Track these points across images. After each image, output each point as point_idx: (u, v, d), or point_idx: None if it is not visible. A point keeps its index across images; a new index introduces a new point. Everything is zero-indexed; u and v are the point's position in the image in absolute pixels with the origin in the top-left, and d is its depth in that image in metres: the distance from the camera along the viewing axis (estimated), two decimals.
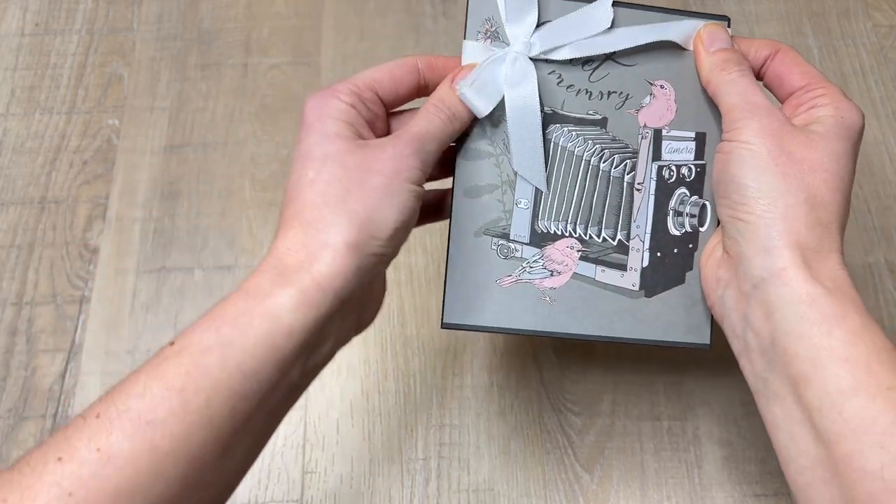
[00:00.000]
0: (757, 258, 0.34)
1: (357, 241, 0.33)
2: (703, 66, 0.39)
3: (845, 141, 0.35)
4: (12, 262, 0.59)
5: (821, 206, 0.34)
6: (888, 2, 0.68)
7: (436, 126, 0.37)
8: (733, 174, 0.35)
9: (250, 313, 0.31)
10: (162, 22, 0.69)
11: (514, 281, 0.40)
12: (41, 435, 0.53)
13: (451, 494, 0.52)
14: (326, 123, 0.35)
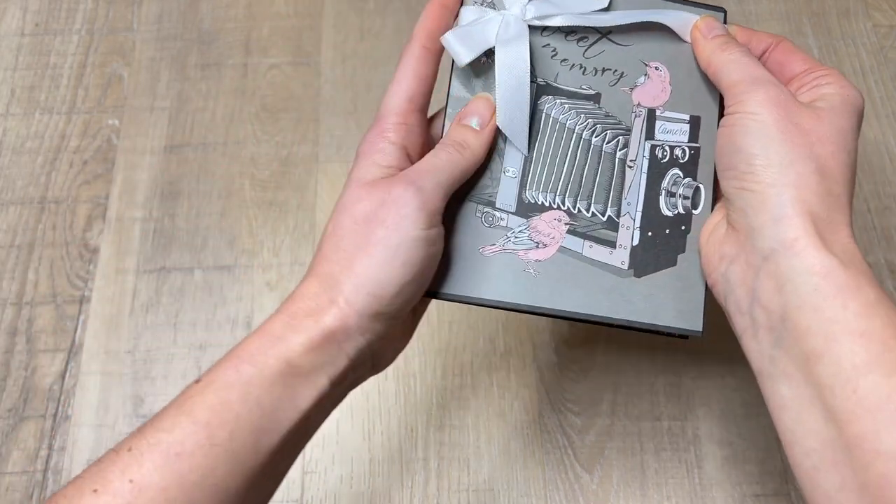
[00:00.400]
0: (767, 228, 0.33)
1: (359, 304, 0.33)
2: (703, 50, 0.38)
3: (850, 117, 0.35)
4: (12, 262, 0.59)
5: (830, 176, 0.33)
6: (888, 2, 0.68)
7: (440, 160, 0.36)
8: (739, 144, 0.34)
9: (265, 353, 0.33)
10: (162, 22, 0.69)
11: (497, 250, 0.38)
12: (41, 435, 0.53)
13: (451, 494, 0.52)
14: (366, 170, 0.35)
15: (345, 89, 0.65)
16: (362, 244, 0.34)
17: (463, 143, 0.37)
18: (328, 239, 0.35)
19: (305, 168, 0.62)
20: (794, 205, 0.32)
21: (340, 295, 0.34)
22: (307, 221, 0.60)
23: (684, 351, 0.55)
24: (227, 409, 0.31)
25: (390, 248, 0.34)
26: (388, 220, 0.34)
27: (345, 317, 0.33)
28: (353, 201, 0.35)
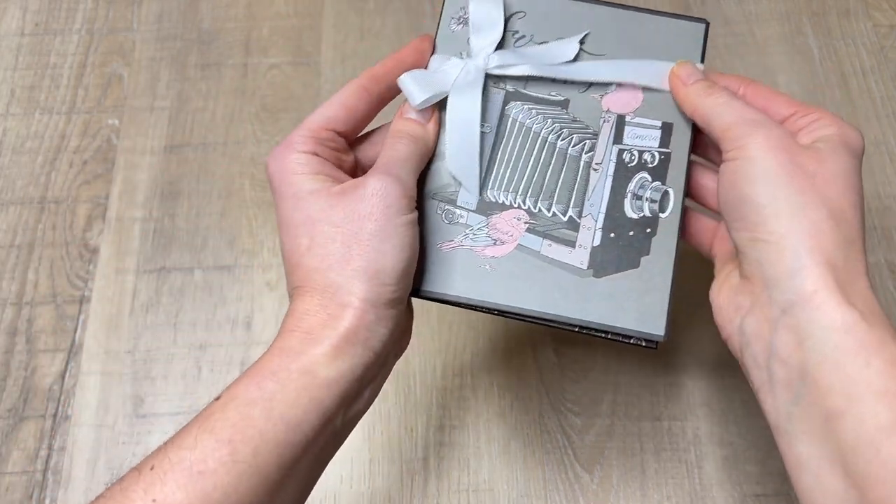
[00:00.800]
0: (784, 280, 0.31)
1: (371, 295, 0.34)
2: (687, 97, 0.38)
3: (852, 157, 0.34)
4: (12, 262, 0.59)
5: (844, 221, 0.32)
6: (888, 2, 0.68)
7: (401, 151, 0.37)
8: (745, 193, 0.33)
9: (288, 368, 0.32)
10: (162, 22, 0.69)
11: (455, 246, 0.39)
12: (41, 435, 0.53)
13: (451, 494, 0.52)
14: (294, 183, 0.35)
15: None
16: (353, 243, 0.34)
17: (414, 135, 0.38)
18: (308, 253, 0.35)
19: None
20: (811, 254, 0.31)
21: (350, 295, 0.34)
22: None
23: (684, 351, 0.55)
24: (250, 425, 0.31)
25: (385, 238, 0.34)
26: (375, 213, 0.34)
27: (362, 313, 0.33)
28: (324, 210, 0.35)
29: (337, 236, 0.34)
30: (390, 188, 0.35)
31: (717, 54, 0.66)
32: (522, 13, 0.41)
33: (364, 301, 0.33)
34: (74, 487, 0.52)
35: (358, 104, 0.38)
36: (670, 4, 0.68)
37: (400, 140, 0.37)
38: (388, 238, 0.34)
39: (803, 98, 0.64)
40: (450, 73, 0.39)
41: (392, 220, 0.34)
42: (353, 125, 0.38)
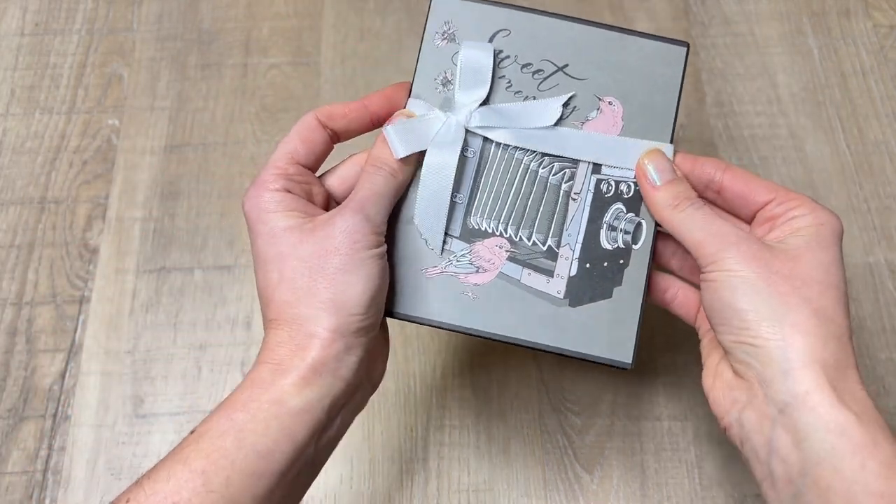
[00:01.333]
0: (777, 381, 0.32)
1: (338, 325, 0.35)
2: (654, 205, 0.38)
3: (829, 248, 0.34)
4: (12, 262, 0.59)
5: (828, 318, 0.33)
6: (888, 2, 0.68)
7: (378, 185, 0.37)
8: (727, 301, 0.34)
9: (258, 399, 0.34)
10: (162, 22, 0.69)
11: (439, 272, 0.40)
12: (41, 435, 0.53)
13: (451, 494, 0.52)
14: (268, 221, 0.36)
15: (345, 89, 0.65)
16: (319, 277, 0.35)
17: (394, 168, 0.38)
18: (279, 287, 0.36)
19: None
20: (800, 356, 0.32)
21: (317, 325, 0.35)
22: None
23: (685, 351, 0.55)
24: (222, 455, 0.32)
25: (351, 270, 0.35)
26: (342, 248, 0.35)
27: (330, 343, 0.34)
28: (294, 246, 0.36)
29: (305, 271, 0.35)
30: (358, 225, 0.36)
31: (717, 54, 0.66)
32: (507, 31, 0.41)
33: (331, 331, 0.34)
34: (74, 487, 0.52)
35: (313, 137, 0.39)
36: (670, 5, 0.68)
37: (379, 171, 0.38)
38: (353, 270, 0.35)
39: (803, 98, 0.64)
40: (431, 126, 0.39)
41: (358, 253, 0.35)
42: (315, 158, 0.39)
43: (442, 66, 0.41)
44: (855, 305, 0.57)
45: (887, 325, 0.56)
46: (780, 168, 0.62)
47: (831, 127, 0.63)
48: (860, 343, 0.55)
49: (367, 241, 0.36)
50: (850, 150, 0.62)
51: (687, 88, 0.65)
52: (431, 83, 0.41)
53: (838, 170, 0.61)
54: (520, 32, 0.41)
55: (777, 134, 0.63)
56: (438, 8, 0.41)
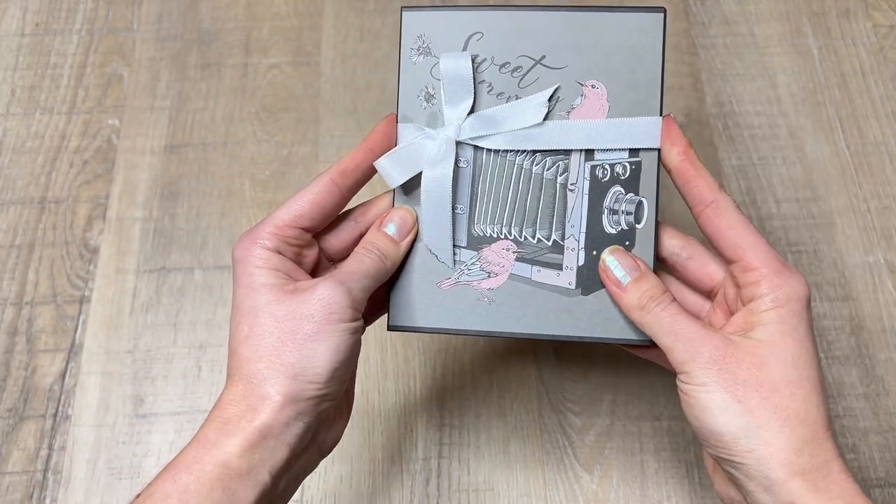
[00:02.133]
0: (760, 495, 0.33)
1: (292, 391, 0.34)
2: (624, 309, 0.38)
3: (792, 334, 0.35)
4: (12, 261, 0.59)
5: (799, 423, 0.33)
6: (888, 2, 0.68)
7: (366, 265, 0.38)
8: (703, 422, 0.35)
9: (202, 460, 0.33)
10: (162, 22, 0.69)
11: (453, 283, 0.41)
12: (41, 435, 0.53)
13: (451, 494, 0.52)
14: (253, 274, 0.36)
15: (345, 89, 0.65)
16: (288, 339, 0.35)
17: (385, 253, 0.39)
18: (245, 342, 0.36)
19: (305, 168, 0.62)
20: (777, 469, 0.33)
21: (272, 387, 0.34)
22: None
23: None
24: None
25: (320, 340, 0.35)
26: (315, 316, 0.35)
27: (280, 407, 0.34)
28: (269, 303, 0.36)
29: (274, 330, 0.35)
30: (336, 297, 0.36)
31: (717, 54, 0.66)
32: (480, 34, 0.40)
33: (284, 396, 0.34)
34: (74, 487, 0.52)
35: (327, 199, 0.39)
36: (670, 5, 0.68)
37: (369, 254, 0.39)
38: (323, 340, 0.35)
39: (803, 98, 0.64)
40: (424, 148, 0.40)
41: (332, 324, 0.35)
42: (320, 220, 0.39)
43: (422, 82, 0.41)
44: (855, 305, 0.57)
45: (887, 325, 0.56)
46: (780, 168, 0.62)
47: (831, 127, 0.63)
48: (860, 343, 0.55)
49: (344, 313, 0.36)
50: (849, 151, 0.62)
51: (686, 89, 0.65)
52: (415, 100, 0.41)
53: (838, 170, 0.62)
54: (492, 33, 0.40)
55: (777, 134, 0.63)
56: (409, 23, 0.41)
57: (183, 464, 0.34)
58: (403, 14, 0.41)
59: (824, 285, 0.58)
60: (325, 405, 0.36)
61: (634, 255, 0.39)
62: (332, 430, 0.39)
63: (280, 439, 0.34)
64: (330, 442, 0.39)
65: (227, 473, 0.33)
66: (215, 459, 0.33)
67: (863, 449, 0.52)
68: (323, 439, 0.38)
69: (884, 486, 0.51)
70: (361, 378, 0.55)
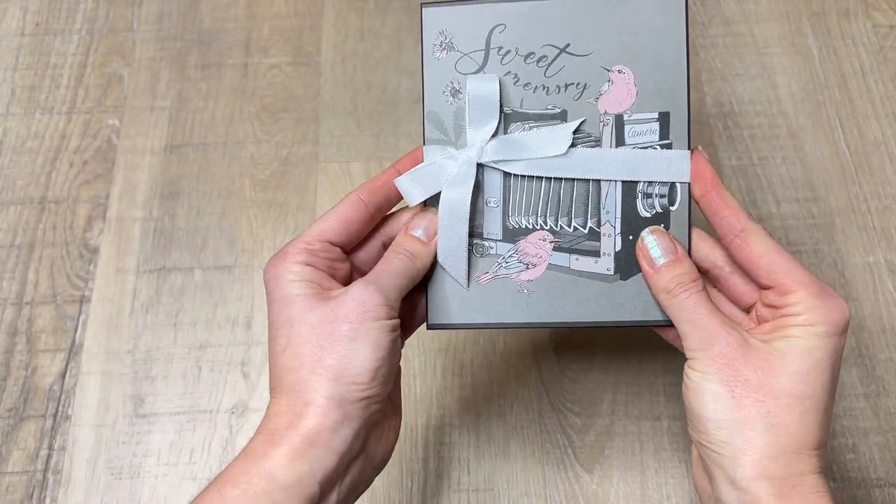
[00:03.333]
0: (725, 487, 0.34)
1: (337, 393, 0.34)
2: (652, 288, 0.39)
3: (812, 352, 0.34)
4: (12, 262, 0.59)
5: (786, 433, 0.34)
6: (888, 2, 0.68)
7: (395, 265, 0.38)
8: (693, 405, 0.35)
9: (248, 473, 0.33)
10: (162, 22, 0.69)
11: (491, 277, 0.41)
12: (41, 435, 0.53)
13: (451, 494, 0.52)
14: (285, 288, 0.37)
15: (345, 89, 0.65)
16: (326, 343, 0.35)
17: (414, 253, 0.39)
18: (284, 353, 0.36)
19: (305, 168, 0.62)
20: (747, 467, 0.33)
21: (315, 392, 0.34)
22: (307, 221, 0.60)
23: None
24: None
25: (357, 338, 0.35)
26: (351, 315, 0.35)
27: (326, 412, 0.34)
28: (304, 312, 0.36)
29: (312, 337, 0.35)
30: (370, 295, 0.36)
31: (717, 54, 0.66)
32: (503, 26, 0.40)
33: (328, 399, 0.34)
34: (75, 487, 0.52)
35: (354, 216, 0.39)
36: None
37: (397, 255, 0.39)
38: (360, 339, 0.35)
39: (803, 98, 0.64)
40: (445, 168, 0.40)
41: (367, 322, 0.35)
42: (347, 237, 0.39)
43: (447, 78, 0.41)
44: (855, 305, 0.57)
45: (887, 324, 0.56)
46: (780, 168, 0.62)
47: (831, 127, 0.63)
48: (860, 343, 0.56)
49: (378, 311, 0.36)
50: (849, 150, 0.62)
51: None
52: (441, 97, 0.41)
53: (838, 170, 0.62)
54: (514, 24, 0.40)
55: (777, 134, 0.63)
56: (430, 19, 0.41)
57: (229, 477, 0.33)
58: (423, 11, 0.40)
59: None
60: (373, 408, 0.36)
61: (675, 238, 0.39)
62: (381, 442, 0.38)
63: (328, 446, 0.34)
64: (381, 454, 0.38)
65: (273, 486, 0.33)
66: (262, 471, 0.33)
67: (863, 449, 0.52)
68: (374, 451, 0.37)
69: (884, 486, 0.51)
70: None
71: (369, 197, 0.40)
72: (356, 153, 0.63)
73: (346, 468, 0.35)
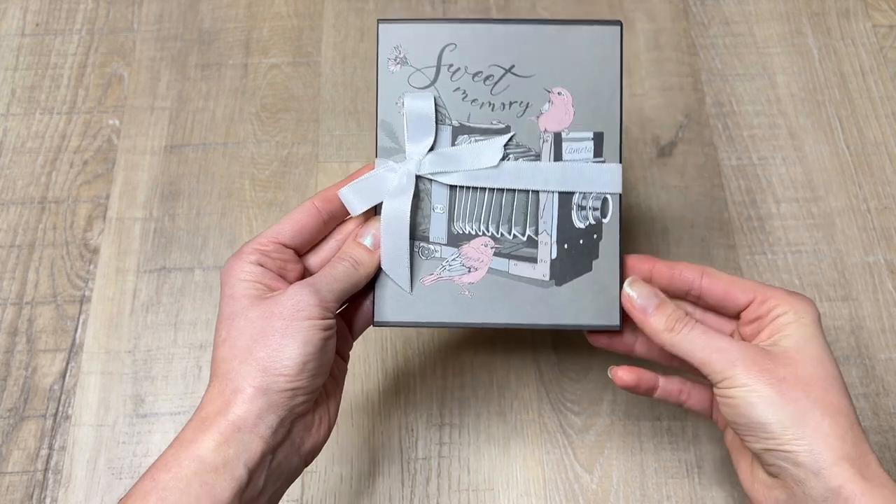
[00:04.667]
0: (811, 480, 0.35)
1: (263, 383, 0.37)
2: (650, 331, 0.41)
3: (816, 339, 0.38)
4: (13, 261, 0.59)
5: (838, 412, 0.36)
6: (888, 2, 0.68)
7: (337, 271, 0.41)
8: (750, 416, 0.37)
9: (179, 457, 0.35)
10: (162, 22, 0.69)
11: (435, 279, 0.43)
12: (41, 435, 0.53)
13: (451, 494, 0.52)
14: (235, 286, 0.39)
15: (345, 89, 0.66)
16: (260, 337, 0.38)
17: (359, 260, 0.42)
18: (223, 344, 0.38)
19: (305, 168, 0.62)
20: (825, 452, 0.35)
21: (244, 381, 0.37)
22: None
23: None
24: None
25: (289, 332, 0.37)
26: (285, 313, 0.38)
27: (252, 399, 0.36)
28: (246, 308, 0.39)
29: (248, 330, 0.38)
30: (305, 296, 0.38)
31: (717, 54, 0.66)
32: (453, 45, 0.43)
33: (255, 388, 0.36)
34: (75, 487, 0.52)
35: (308, 221, 0.42)
36: (669, 5, 0.68)
37: (342, 262, 0.41)
38: (291, 335, 0.37)
39: (803, 98, 0.64)
40: (386, 180, 0.42)
41: (299, 321, 0.38)
42: (301, 240, 0.42)
43: (400, 90, 0.43)
44: (854, 305, 0.57)
45: (887, 324, 0.56)
46: (780, 168, 0.62)
47: (831, 127, 0.63)
48: (860, 343, 0.56)
49: (311, 311, 0.38)
50: (849, 151, 0.62)
51: (686, 89, 0.65)
52: (393, 108, 0.43)
53: (838, 170, 0.62)
54: (465, 44, 0.43)
55: (776, 134, 0.63)
56: (386, 35, 0.43)
57: (162, 463, 0.36)
58: (380, 26, 0.43)
59: (824, 285, 0.58)
60: (299, 399, 0.38)
61: (651, 285, 0.42)
62: (310, 434, 0.40)
63: (254, 432, 0.36)
64: (310, 444, 0.40)
65: (203, 468, 0.35)
66: (192, 455, 0.35)
67: None
68: (301, 440, 0.39)
69: None
70: (361, 378, 0.55)
71: (323, 205, 0.42)
72: (356, 153, 0.63)
73: (272, 453, 0.37)
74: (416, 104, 0.43)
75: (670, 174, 0.62)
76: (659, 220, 0.60)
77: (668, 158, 0.62)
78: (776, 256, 0.59)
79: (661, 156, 0.62)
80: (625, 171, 0.62)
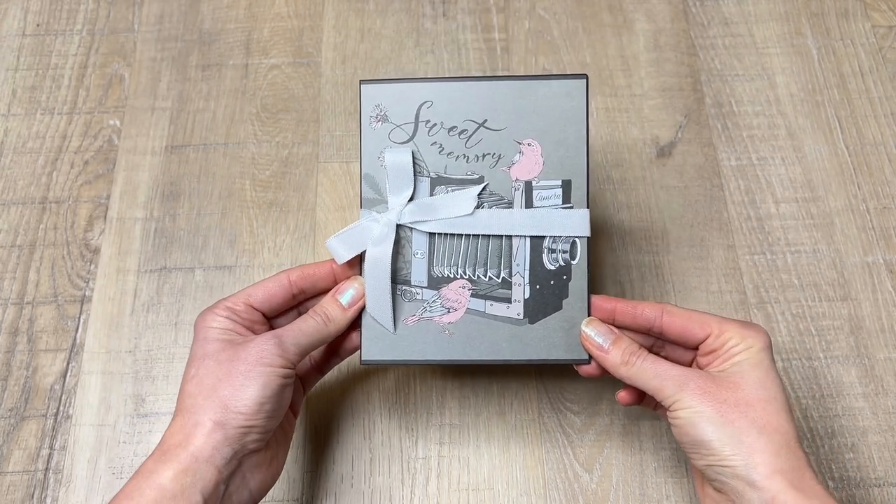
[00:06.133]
0: (749, 493, 0.39)
1: (222, 418, 0.40)
2: (608, 365, 0.44)
3: (761, 365, 0.41)
4: (13, 261, 0.59)
5: (773, 431, 0.39)
6: (887, 2, 0.68)
7: (307, 325, 0.44)
8: (694, 435, 0.40)
9: (140, 487, 0.39)
10: (163, 22, 0.69)
11: (417, 319, 0.46)
12: (42, 434, 0.53)
13: (451, 494, 0.52)
14: (206, 332, 0.43)
15: (345, 89, 0.66)
16: (225, 377, 0.41)
17: (330, 316, 0.45)
18: (191, 381, 0.42)
19: (306, 168, 0.63)
20: (760, 467, 0.38)
21: (205, 415, 0.40)
22: (307, 221, 0.60)
23: None
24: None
25: (250, 375, 0.41)
26: (249, 358, 0.42)
27: (210, 432, 0.40)
28: (216, 350, 0.42)
29: (215, 370, 0.42)
30: (269, 346, 0.42)
31: (717, 55, 0.66)
32: (430, 102, 0.46)
33: (215, 422, 0.40)
34: (75, 487, 0.52)
35: (278, 292, 0.46)
36: (669, 6, 0.68)
37: (315, 317, 0.45)
38: (253, 378, 0.41)
39: (802, 98, 0.64)
40: (369, 230, 0.46)
41: (262, 367, 0.42)
42: (269, 307, 0.46)
43: (382, 146, 0.46)
44: (854, 305, 0.57)
45: (886, 324, 0.56)
46: (779, 168, 0.62)
47: (830, 127, 0.63)
48: (859, 343, 0.56)
49: (272, 360, 0.42)
50: (848, 151, 0.62)
51: (686, 89, 0.65)
52: (376, 162, 0.46)
53: (837, 170, 0.62)
54: (440, 101, 0.46)
55: (776, 134, 0.63)
56: (368, 94, 0.46)
57: (124, 493, 0.39)
58: (362, 87, 0.46)
59: (823, 285, 0.58)
60: (252, 437, 0.41)
61: (607, 323, 0.45)
62: (260, 470, 0.43)
63: (210, 462, 0.39)
64: (259, 481, 0.43)
65: (163, 495, 0.38)
66: (152, 484, 0.39)
67: (862, 448, 0.53)
68: (250, 476, 0.43)
69: (883, 486, 0.52)
70: (362, 378, 0.55)
71: (297, 280, 0.46)
72: (356, 153, 0.63)
73: (224, 483, 0.40)
74: (396, 158, 0.46)
75: (670, 174, 0.62)
76: (658, 220, 0.60)
77: (668, 158, 0.62)
78: (775, 256, 0.59)
79: (661, 156, 0.62)
80: (625, 172, 0.62)
